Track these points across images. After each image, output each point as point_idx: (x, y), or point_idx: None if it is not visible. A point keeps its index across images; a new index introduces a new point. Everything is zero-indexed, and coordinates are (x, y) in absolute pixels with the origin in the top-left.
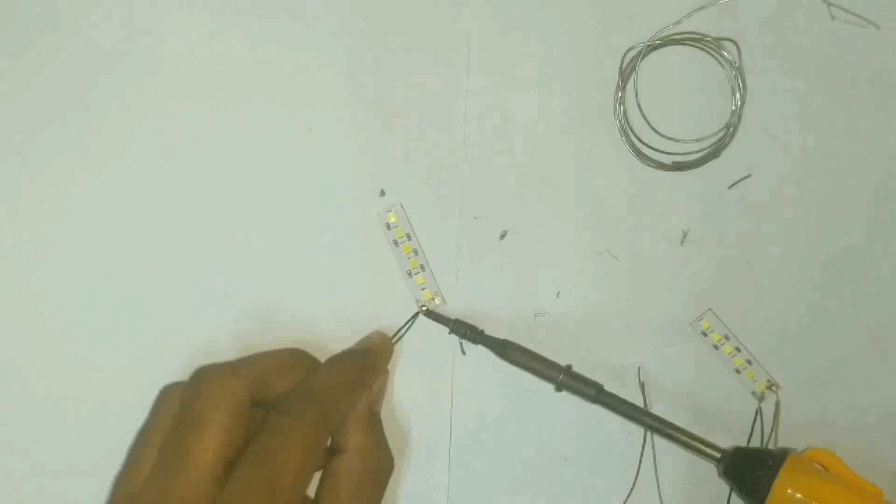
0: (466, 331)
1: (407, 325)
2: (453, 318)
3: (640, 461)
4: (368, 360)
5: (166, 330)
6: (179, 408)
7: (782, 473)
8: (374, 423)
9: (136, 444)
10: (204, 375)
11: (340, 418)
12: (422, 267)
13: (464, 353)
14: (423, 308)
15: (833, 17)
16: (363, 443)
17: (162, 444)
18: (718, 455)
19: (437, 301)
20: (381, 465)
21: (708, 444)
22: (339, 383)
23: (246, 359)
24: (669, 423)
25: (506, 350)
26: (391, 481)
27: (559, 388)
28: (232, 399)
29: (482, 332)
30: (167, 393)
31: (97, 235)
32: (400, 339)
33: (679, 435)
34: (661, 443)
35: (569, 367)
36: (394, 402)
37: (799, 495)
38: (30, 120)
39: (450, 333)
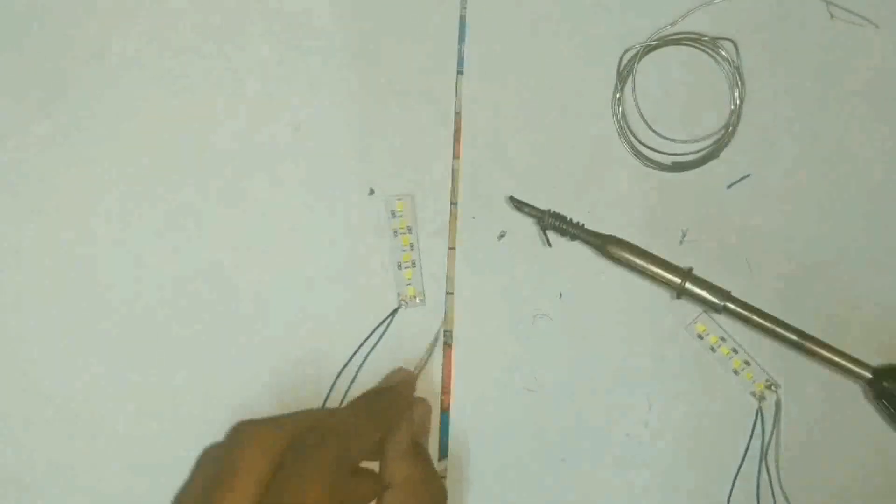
0: (560, 224)
1: (387, 321)
2: (545, 209)
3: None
4: (387, 398)
5: (161, 327)
6: (216, 460)
7: None
8: (419, 455)
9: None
10: (241, 428)
11: (358, 456)
12: (413, 263)
13: (549, 244)
14: (509, 196)
15: (832, 17)
16: (410, 475)
17: (199, 496)
18: (869, 375)
19: (417, 301)
20: (430, 497)
21: (856, 362)
22: (355, 422)
23: (287, 414)
24: (812, 338)
25: (610, 247)
26: None
27: (679, 294)
28: (268, 450)
29: (581, 225)
30: (207, 453)
31: (87, 235)
32: (420, 369)
33: (823, 351)
34: (663, 444)
35: (690, 269)
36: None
37: None
38: (22, 124)
39: (537, 224)
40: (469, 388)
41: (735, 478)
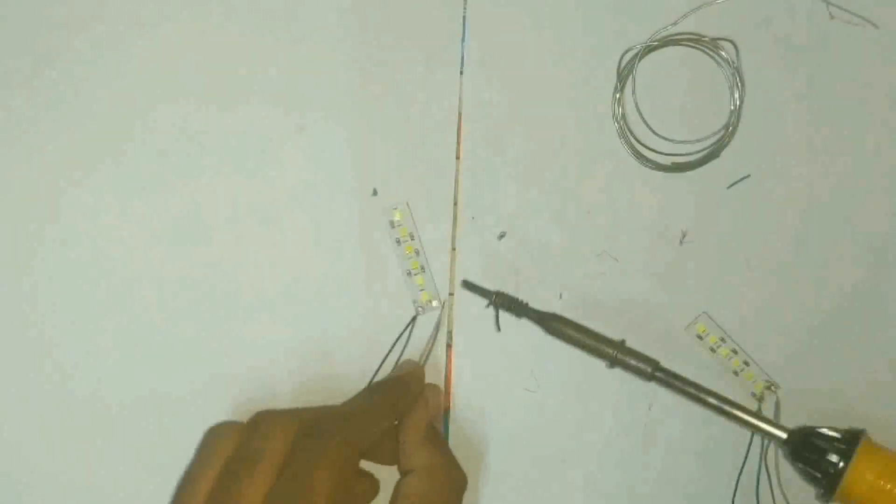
0: (509, 304)
1: (408, 329)
2: (493, 290)
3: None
4: (398, 387)
5: (163, 332)
6: (237, 449)
7: (860, 454)
8: (437, 440)
9: (186, 484)
10: (261, 418)
11: (370, 441)
12: (422, 268)
13: (499, 329)
14: (462, 280)
15: (832, 17)
16: (429, 460)
17: (217, 482)
18: (785, 435)
19: (434, 304)
20: (450, 481)
21: (773, 424)
22: (367, 408)
23: (306, 407)
24: (733, 402)
25: (553, 324)
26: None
27: (612, 364)
28: (285, 437)
29: (526, 304)
30: (216, 434)
31: (82, 233)
32: (426, 359)
33: (743, 414)
34: (663, 445)
35: (622, 342)
36: None
37: (880, 480)
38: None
39: (488, 307)
40: (469, 388)
41: (738, 479)
